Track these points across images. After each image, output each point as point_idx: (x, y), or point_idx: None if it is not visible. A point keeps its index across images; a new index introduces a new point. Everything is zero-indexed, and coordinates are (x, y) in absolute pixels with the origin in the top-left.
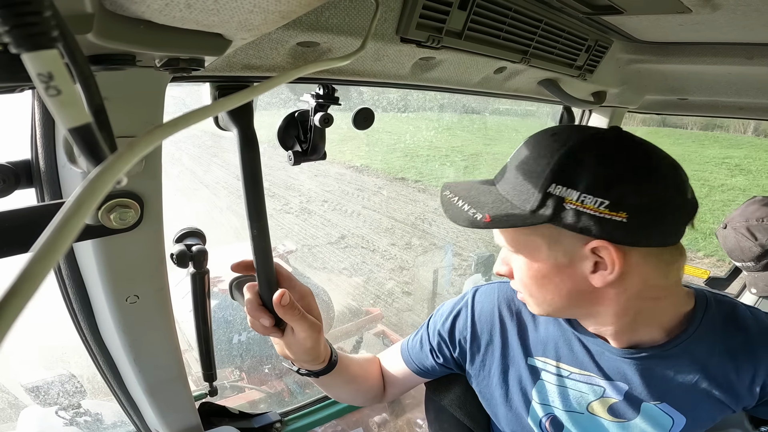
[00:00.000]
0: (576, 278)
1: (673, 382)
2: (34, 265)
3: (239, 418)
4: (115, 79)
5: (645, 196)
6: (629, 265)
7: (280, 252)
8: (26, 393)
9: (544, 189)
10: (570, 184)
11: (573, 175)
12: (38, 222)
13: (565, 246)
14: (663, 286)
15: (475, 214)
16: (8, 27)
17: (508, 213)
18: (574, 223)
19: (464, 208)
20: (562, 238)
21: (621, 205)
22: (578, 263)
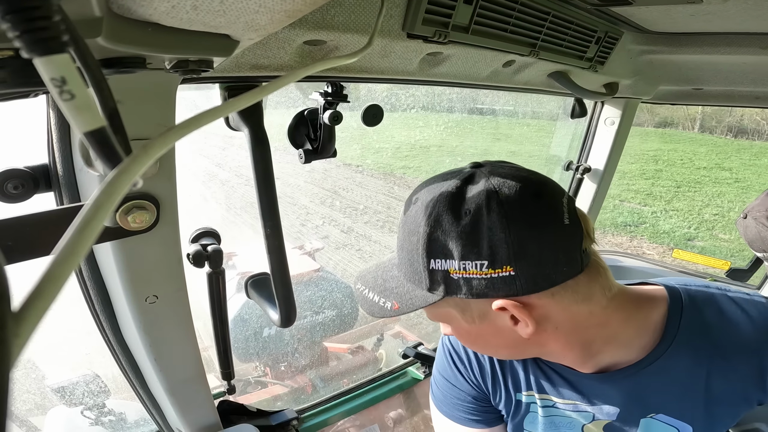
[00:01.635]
0: (505, 333)
1: (665, 394)
2: (56, 267)
3: (257, 415)
4: (126, 83)
5: (515, 242)
6: (544, 310)
7: (308, 250)
8: (52, 393)
9: (426, 267)
10: (445, 255)
11: (443, 246)
12: (58, 225)
13: (474, 311)
14: (598, 311)
15: (385, 303)
16: (19, 32)
17: (411, 296)
18: (468, 291)
19: (374, 300)
20: (468, 304)
21: (500, 260)
22: (497, 321)
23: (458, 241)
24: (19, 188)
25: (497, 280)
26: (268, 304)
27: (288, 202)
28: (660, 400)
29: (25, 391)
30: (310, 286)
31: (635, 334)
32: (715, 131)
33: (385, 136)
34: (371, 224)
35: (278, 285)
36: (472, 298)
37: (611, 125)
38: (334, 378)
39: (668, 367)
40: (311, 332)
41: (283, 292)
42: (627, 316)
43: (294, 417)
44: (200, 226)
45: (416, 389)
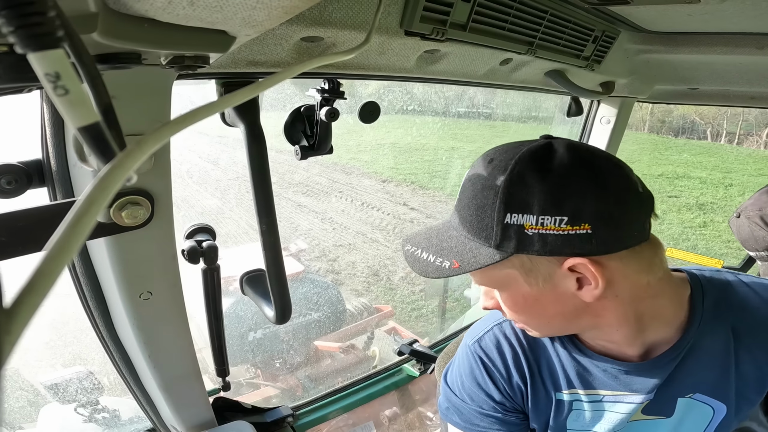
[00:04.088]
0: (565, 298)
1: (700, 374)
2: (48, 263)
3: (252, 412)
4: (122, 78)
5: (600, 202)
6: (612, 273)
7: (292, 251)
8: (46, 390)
9: (501, 222)
10: (524, 209)
11: (524, 200)
12: (51, 221)
13: (541, 272)
14: (654, 283)
15: (443, 263)
16: (13, 27)
17: (475, 254)
18: (541, 247)
19: (429, 260)
20: (536, 264)
21: (580, 218)
22: (561, 284)
23: (541, 196)
24: (13, 183)
25: (574, 237)
26: (263, 301)
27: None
28: (696, 380)
29: (18, 388)
30: (297, 288)
31: (675, 312)
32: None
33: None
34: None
35: (273, 281)
36: (545, 256)
37: (607, 124)
38: (326, 378)
39: (703, 346)
40: (299, 333)
41: (279, 288)
42: (673, 292)
43: (289, 414)
44: (194, 222)
45: (411, 386)
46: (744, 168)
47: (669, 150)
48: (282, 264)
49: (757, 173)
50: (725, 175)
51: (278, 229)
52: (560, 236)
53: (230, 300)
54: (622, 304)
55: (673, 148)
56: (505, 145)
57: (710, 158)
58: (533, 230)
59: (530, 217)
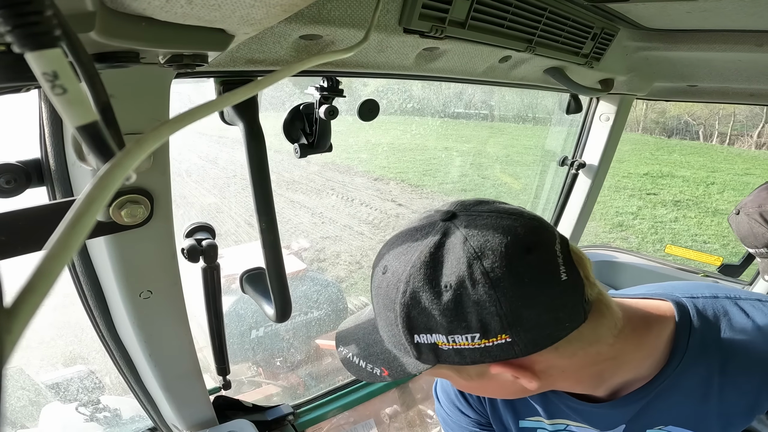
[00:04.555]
0: (507, 386)
1: (675, 408)
2: (48, 263)
3: (253, 411)
4: (120, 77)
5: (511, 312)
6: (548, 363)
7: (294, 249)
8: (47, 390)
9: (411, 341)
10: (429, 330)
11: (425, 323)
12: (51, 220)
13: (471, 371)
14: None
15: (373, 369)
16: (10, 27)
17: (400, 363)
18: (461, 360)
19: (362, 365)
20: (465, 369)
21: (492, 332)
22: (498, 378)
23: (442, 318)
24: (12, 183)
25: (492, 348)
26: (264, 299)
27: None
28: (671, 414)
29: (20, 387)
30: (299, 286)
31: (646, 355)
32: (653, 132)
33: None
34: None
35: (273, 280)
36: (467, 365)
37: (606, 121)
38: (327, 376)
39: (679, 384)
40: (301, 331)
41: (279, 286)
42: (637, 342)
43: (290, 412)
44: (194, 221)
45: (411, 384)
46: (730, 167)
47: (660, 150)
48: (282, 262)
49: (742, 172)
50: (710, 174)
51: (278, 227)
52: (477, 349)
53: (232, 298)
54: (572, 374)
55: (664, 149)
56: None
57: (699, 158)
58: (447, 346)
59: (440, 336)
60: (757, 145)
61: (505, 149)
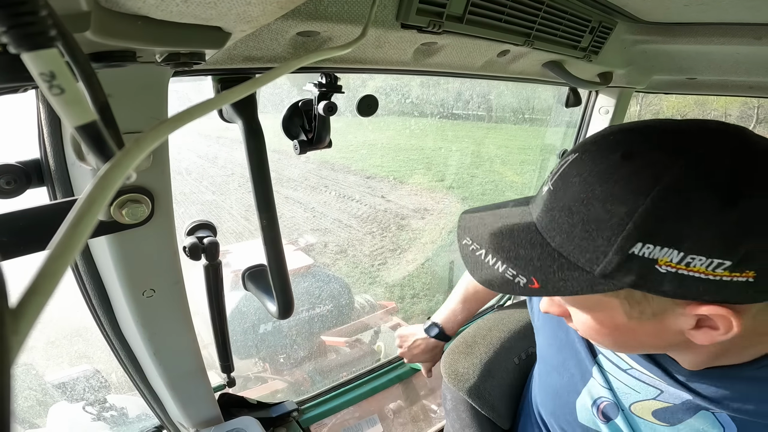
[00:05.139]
0: (668, 335)
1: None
2: (52, 263)
3: (257, 407)
4: (117, 76)
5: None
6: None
7: (301, 245)
8: (54, 389)
9: (622, 249)
10: (670, 243)
11: (677, 232)
12: (52, 220)
13: (652, 307)
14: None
15: (516, 278)
16: (5, 27)
17: (566, 276)
18: (672, 288)
19: (497, 268)
20: (648, 299)
21: (749, 264)
22: (672, 322)
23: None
24: (12, 183)
25: (729, 284)
26: (266, 296)
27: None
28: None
29: (27, 387)
30: (304, 282)
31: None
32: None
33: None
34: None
35: (275, 276)
36: (676, 298)
37: (605, 114)
38: (332, 371)
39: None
40: (307, 327)
41: (281, 283)
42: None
43: (294, 408)
44: (195, 219)
45: (415, 380)
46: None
47: None
48: (283, 258)
49: None
50: None
51: (278, 223)
52: (708, 281)
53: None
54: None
55: None
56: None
57: None
58: (669, 268)
59: (673, 253)
60: None
61: (499, 149)
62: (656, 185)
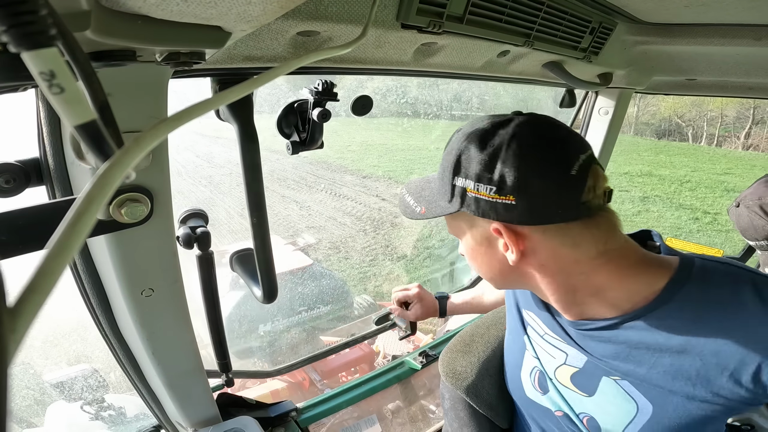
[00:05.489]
0: (497, 256)
1: (634, 361)
2: (50, 262)
3: (256, 407)
4: (117, 75)
5: (524, 177)
6: (532, 243)
7: (300, 245)
8: (51, 389)
9: (451, 182)
10: (466, 175)
11: (467, 166)
12: (51, 219)
13: (479, 229)
14: (584, 261)
15: (416, 207)
16: (5, 27)
17: (437, 204)
18: (476, 209)
19: (410, 202)
20: (476, 221)
21: (505, 189)
22: (494, 243)
23: (478, 166)
24: (11, 182)
25: (500, 205)
26: (252, 282)
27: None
28: (626, 367)
29: (24, 386)
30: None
31: (626, 297)
32: (644, 133)
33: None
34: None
35: (261, 263)
36: (478, 216)
37: (605, 115)
38: (331, 372)
39: (643, 335)
40: (307, 326)
41: (266, 269)
42: (620, 274)
43: (293, 408)
44: (188, 208)
45: (414, 380)
46: (712, 167)
47: (648, 151)
48: (270, 249)
49: (722, 172)
50: (689, 173)
51: (268, 221)
52: (489, 202)
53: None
54: (548, 274)
55: (652, 149)
56: (477, 119)
57: (684, 158)
58: (471, 193)
59: (470, 182)
60: (744, 146)
61: None
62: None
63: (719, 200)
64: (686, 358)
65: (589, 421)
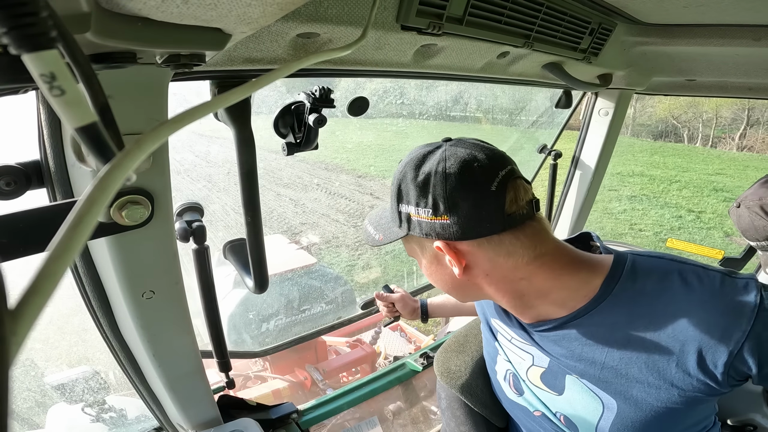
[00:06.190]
0: (447, 271)
1: (587, 357)
2: (51, 264)
3: (257, 409)
4: (117, 77)
5: (451, 199)
6: (473, 257)
7: (304, 245)
8: (53, 391)
9: (397, 209)
10: (408, 201)
11: (407, 193)
12: (52, 221)
13: (428, 249)
14: (522, 266)
15: (375, 235)
16: (6, 28)
17: (391, 230)
18: (420, 230)
19: (370, 231)
20: (423, 242)
21: (439, 210)
22: (442, 260)
23: (414, 192)
24: (12, 185)
25: (437, 225)
26: (245, 272)
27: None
28: (581, 364)
29: (26, 388)
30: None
31: (568, 295)
32: (640, 135)
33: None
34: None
35: (254, 254)
36: (423, 237)
37: (605, 116)
38: (333, 372)
39: (589, 332)
40: (308, 325)
41: (258, 260)
42: (555, 275)
43: (294, 410)
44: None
45: (415, 381)
46: (704, 168)
47: (643, 152)
48: (262, 242)
49: (714, 172)
50: (679, 173)
51: (261, 219)
52: (429, 223)
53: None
54: (493, 283)
55: (647, 151)
56: (416, 148)
57: (677, 159)
58: (415, 217)
59: (411, 207)
60: (739, 147)
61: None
62: (400, 173)
63: (705, 199)
64: (632, 352)
65: (566, 419)
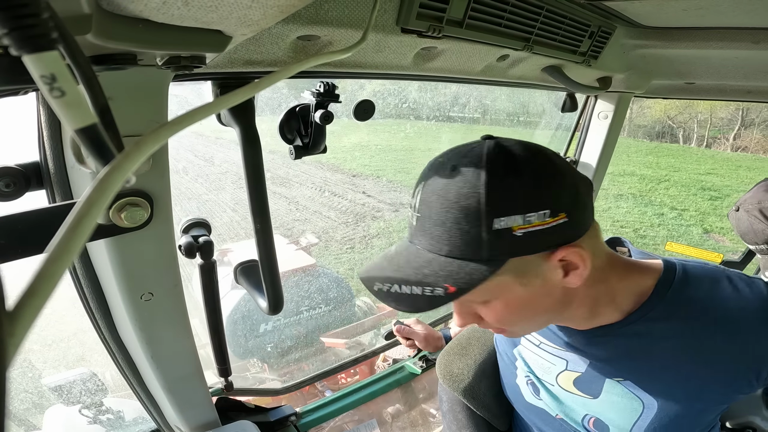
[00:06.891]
0: (555, 290)
1: (633, 362)
2: (50, 266)
3: (255, 412)
4: (118, 79)
5: (565, 190)
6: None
7: (303, 245)
8: (50, 392)
9: (489, 229)
10: (509, 211)
11: (508, 202)
12: (51, 223)
13: (533, 270)
14: (599, 267)
15: (434, 291)
16: (7, 30)
17: (467, 271)
18: (532, 245)
19: (416, 292)
20: (527, 264)
21: (558, 208)
22: (550, 277)
23: (522, 194)
24: (11, 186)
25: (557, 228)
26: (257, 293)
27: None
28: (627, 367)
29: (23, 390)
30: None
31: (626, 298)
32: (637, 135)
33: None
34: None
35: (266, 275)
36: (536, 254)
37: (604, 119)
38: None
39: (640, 335)
40: (307, 326)
41: (271, 280)
42: (621, 276)
43: (292, 413)
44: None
45: (414, 384)
46: (696, 168)
47: (638, 153)
48: (275, 259)
49: (705, 172)
50: (670, 173)
51: (272, 227)
52: (546, 230)
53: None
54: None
55: (642, 151)
56: (453, 151)
57: (671, 159)
58: (522, 230)
59: (517, 218)
60: (733, 147)
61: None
62: (480, 177)
63: (691, 198)
64: (685, 354)
65: (596, 422)
